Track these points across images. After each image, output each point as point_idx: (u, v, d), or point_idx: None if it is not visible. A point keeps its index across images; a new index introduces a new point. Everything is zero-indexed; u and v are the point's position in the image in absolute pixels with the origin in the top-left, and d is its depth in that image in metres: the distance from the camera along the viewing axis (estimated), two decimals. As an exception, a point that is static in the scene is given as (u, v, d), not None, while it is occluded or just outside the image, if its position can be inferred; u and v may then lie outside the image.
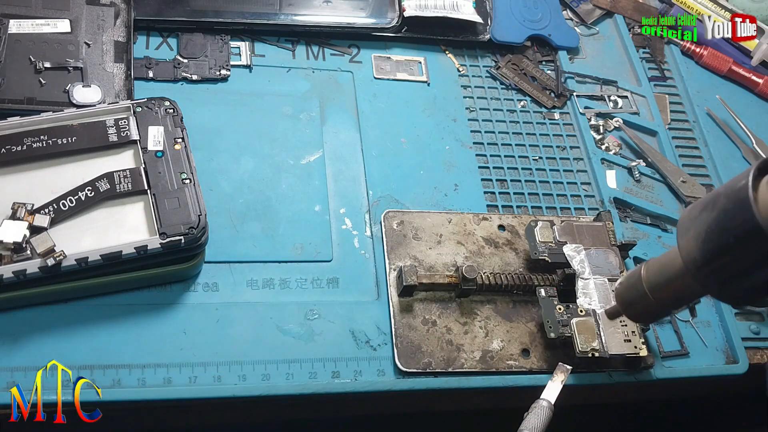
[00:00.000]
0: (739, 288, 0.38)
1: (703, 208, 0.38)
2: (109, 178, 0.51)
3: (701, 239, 0.38)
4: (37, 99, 0.57)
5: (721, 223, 0.37)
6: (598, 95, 0.75)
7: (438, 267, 0.58)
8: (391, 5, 0.71)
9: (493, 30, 0.74)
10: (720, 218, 0.37)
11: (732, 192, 0.36)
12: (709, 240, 0.37)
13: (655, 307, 0.45)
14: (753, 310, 0.63)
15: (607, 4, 0.82)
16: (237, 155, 0.61)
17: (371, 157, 0.64)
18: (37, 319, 0.50)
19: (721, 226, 0.37)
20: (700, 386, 0.60)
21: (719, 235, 0.37)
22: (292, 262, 0.57)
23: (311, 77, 0.68)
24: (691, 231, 0.39)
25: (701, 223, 0.38)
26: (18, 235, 0.47)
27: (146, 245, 0.49)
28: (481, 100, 0.71)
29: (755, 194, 0.35)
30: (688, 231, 0.39)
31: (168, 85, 0.63)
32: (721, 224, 0.37)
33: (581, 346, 0.52)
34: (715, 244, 0.37)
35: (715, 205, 0.37)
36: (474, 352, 0.55)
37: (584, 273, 0.56)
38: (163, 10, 0.65)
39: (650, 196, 0.68)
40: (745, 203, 0.35)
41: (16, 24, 0.59)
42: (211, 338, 0.52)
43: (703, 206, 0.38)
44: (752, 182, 0.35)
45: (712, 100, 0.78)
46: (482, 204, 0.64)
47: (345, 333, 0.54)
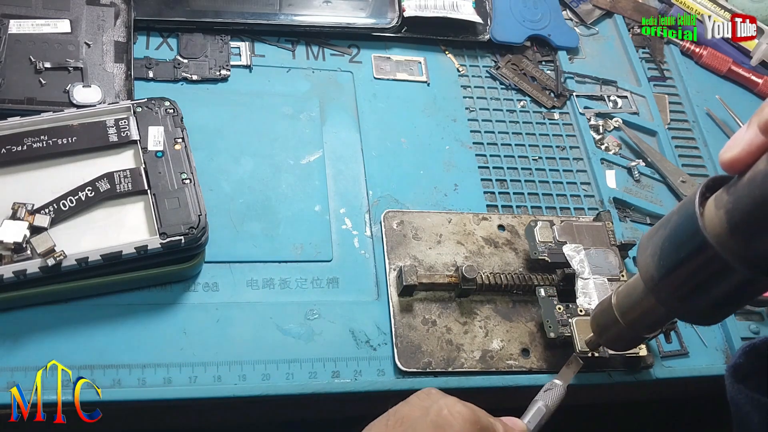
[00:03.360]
0: (698, 305, 0.38)
1: (660, 226, 0.39)
2: (109, 178, 0.52)
3: (656, 256, 0.39)
4: (37, 99, 0.57)
5: (673, 239, 0.37)
6: (597, 95, 0.75)
7: (438, 267, 0.58)
8: (391, 5, 0.71)
9: (492, 30, 0.74)
10: (672, 235, 0.38)
11: (682, 209, 0.37)
12: (663, 257, 0.38)
13: (627, 332, 0.46)
14: (753, 310, 0.63)
15: (606, 4, 0.82)
16: (237, 155, 0.61)
17: (371, 157, 0.64)
18: (37, 319, 0.50)
19: (673, 242, 0.37)
20: (700, 386, 0.60)
21: (672, 251, 0.38)
22: (292, 262, 0.57)
23: (311, 77, 0.68)
24: (648, 249, 0.40)
25: (657, 241, 0.39)
26: (18, 235, 0.47)
27: (146, 245, 0.49)
28: (480, 100, 0.71)
29: (702, 210, 0.36)
30: (646, 249, 0.40)
31: (168, 85, 0.63)
32: (673, 241, 0.37)
33: (581, 345, 0.52)
34: (668, 260, 0.38)
35: (668, 223, 0.38)
36: (474, 351, 0.55)
37: (584, 273, 0.56)
38: (163, 10, 0.66)
39: (650, 196, 0.68)
40: (692, 219, 0.35)
41: (16, 24, 0.59)
42: (211, 338, 0.52)
43: (660, 225, 0.39)
44: (699, 199, 0.36)
45: (711, 100, 0.78)
46: (482, 204, 0.64)
47: (345, 333, 0.54)
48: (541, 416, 0.45)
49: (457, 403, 0.37)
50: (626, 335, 0.46)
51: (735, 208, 0.34)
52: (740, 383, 0.45)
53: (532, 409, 0.45)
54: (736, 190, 0.34)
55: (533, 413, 0.45)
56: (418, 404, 0.38)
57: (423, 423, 0.36)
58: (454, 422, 0.36)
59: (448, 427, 0.36)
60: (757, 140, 0.32)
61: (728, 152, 0.33)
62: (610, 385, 0.56)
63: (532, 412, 0.45)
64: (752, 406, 0.43)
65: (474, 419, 0.36)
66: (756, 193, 0.33)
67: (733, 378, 0.45)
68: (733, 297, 0.38)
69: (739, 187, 0.34)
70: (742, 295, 0.38)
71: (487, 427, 0.38)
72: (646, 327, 0.45)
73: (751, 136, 0.32)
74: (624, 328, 0.46)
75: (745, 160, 0.33)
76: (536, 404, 0.46)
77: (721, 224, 0.34)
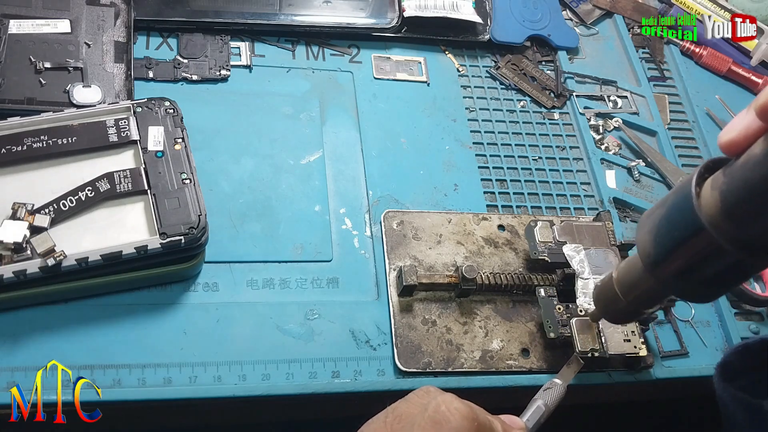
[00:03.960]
0: (693, 284, 0.39)
1: (659, 205, 0.40)
2: (109, 178, 0.52)
3: (653, 234, 0.39)
4: (37, 99, 0.57)
5: (669, 218, 0.38)
6: (597, 95, 0.75)
7: (438, 267, 0.58)
8: (391, 5, 0.71)
9: (492, 30, 0.74)
10: (669, 214, 0.38)
11: (679, 189, 0.38)
12: (660, 235, 0.39)
13: (627, 307, 0.46)
14: (753, 310, 0.63)
15: (606, 4, 0.83)
16: (237, 155, 0.61)
17: (371, 157, 0.64)
18: (37, 319, 0.50)
19: (669, 221, 0.38)
20: (700, 386, 0.60)
21: (668, 230, 0.38)
22: (292, 262, 0.57)
23: (311, 77, 0.68)
24: (647, 227, 0.40)
25: (654, 219, 0.39)
26: (18, 235, 0.47)
27: (146, 245, 0.49)
28: (480, 100, 0.71)
29: (698, 190, 0.36)
30: (644, 227, 0.40)
31: (168, 85, 0.63)
32: (670, 219, 0.38)
33: (581, 345, 0.52)
34: (665, 238, 0.38)
35: (666, 202, 0.39)
36: (474, 351, 0.55)
37: (584, 273, 0.56)
38: (163, 11, 0.66)
39: (650, 196, 0.68)
40: (688, 199, 0.36)
41: (16, 24, 0.59)
42: (211, 338, 0.52)
43: (659, 204, 0.40)
44: (696, 179, 0.36)
45: (711, 100, 0.78)
46: (482, 204, 0.64)
47: (345, 333, 0.54)
48: (540, 415, 0.45)
49: (455, 400, 0.37)
50: (627, 310, 0.46)
51: (729, 189, 0.34)
52: (727, 382, 0.45)
53: (531, 407, 0.45)
54: (731, 172, 0.34)
55: (532, 412, 0.45)
56: (416, 401, 0.38)
57: (421, 419, 0.36)
58: (451, 418, 0.36)
59: (445, 423, 0.36)
60: (755, 124, 0.33)
61: (726, 135, 0.34)
62: (610, 385, 0.56)
63: (531, 410, 0.45)
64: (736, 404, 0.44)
65: (472, 416, 0.36)
66: (748, 176, 0.33)
67: (720, 377, 0.45)
68: (726, 277, 0.38)
69: (734, 169, 0.34)
70: (736, 275, 0.38)
71: (485, 425, 0.38)
72: (644, 302, 0.45)
73: (749, 120, 0.33)
74: (624, 303, 0.46)
75: (742, 143, 0.33)
76: (535, 403, 0.46)
77: (715, 205, 0.35)
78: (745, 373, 0.46)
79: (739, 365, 0.46)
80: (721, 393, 0.45)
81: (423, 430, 0.36)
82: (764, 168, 0.32)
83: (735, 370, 0.46)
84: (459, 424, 0.36)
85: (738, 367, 0.46)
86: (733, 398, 0.44)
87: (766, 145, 0.32)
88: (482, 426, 0.37)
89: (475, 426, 0.36)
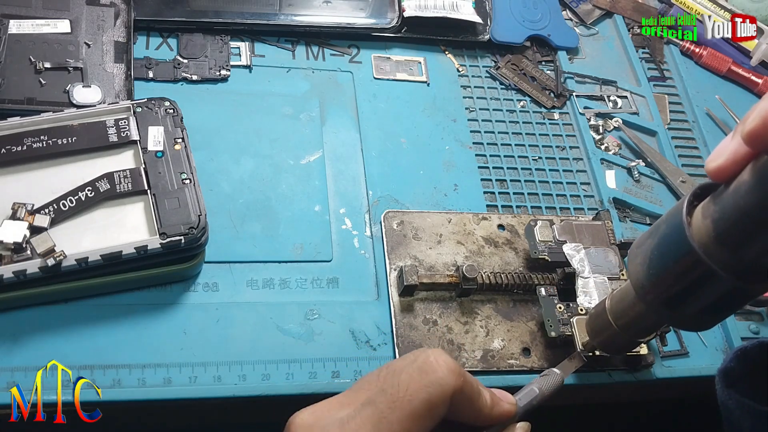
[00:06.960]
0: (688, 313, 0.39)
1: (648, 235, 0.40)
2: (109, 178, 0.52)
3: (645, 265, 0.39)
4: (37, 99, 0.57)
5: (661, 247, 0.38)
6: (597, 95, 0.75)
7: (438, 267, 0.58)
8: (390, 5, 0.71)
9: (492, 30, 0.74)
10: (660, 243, 0.38)
11: (670, 218, 0.38)
12: (652, 265, 0.39)
13: (621, 336, 0.46)
14: (753, 310, 0.63)
15: (606, 4, 0.83)
16: (237, 155, 0.61)
17: (371, 157, 0.64)
18: (37, 319, 0.49)
19: (661, 250, 0.38)
20: (701, 386, 0.60)
21: (660, 259, 0.38)
22: (292, 262, 0.57)
23: (311, 77, 0.68)
24: (638, 258, 0.40)
25: (645, 250, 0.39)
26: (18, 235, 0.47)
27: (146, 245, 0.49)
28: (480, 100, 0.71)
29: (689, 219, 0.36)
30: (635, 258, 0.40)
31: (168, 85, 0.63)
32: (661, 249, 0.38)
33: (582, 344, 0.52)
34: (657, 268, 0.38)
35: (657, 232, 0.39)
36: (475, 351, 0.55)
37: (584, 272, 0.56)
38: (163, 11, 0.66)
39: (649, 196, 0.68)
40: (680, 228, 0.36)
41: (16, 24, 0.59)
42: (211, 338, 0.52)
43: (648, 234, 0.40)
44: (687, 208, 0.36)
45: (711, 100, 0.78)
46: (482, 204, 0.64)
47: (345, 333, 0.54)
48: (532, 397, 0.45)
49: (444, 354, 0.38)
50: (619, 339, 0.47)
51: (721, 217, 0.34)
52: (730, 387, 0.45)
53: (525, 389, 0.45)
54: (722, 200, 0.34)
55: (525, 393, 0.45)
56: (409, 356, 0.39)
57: (409, 368, 0.37)
58: (438, 368, 0.37)
59: (431, 372, 0.37)
60: (741, 150, 0.33)
61: (714, 161, 0.34)
62: (610, 385, 0.56)
63: (524, 392, 0.45)
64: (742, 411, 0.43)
65: (459, 371, 0.37)
66: (740, 203, 0.33)
67: (723, 383, 0.45)
68: (722, 305, 0.38)
69: (724, 196, 0.34)
70: (731, 302, 0.38)
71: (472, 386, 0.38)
72: (638, 332, 0.46)
73: (735, 146, 0.33)
74: (617, 332, 0.46)
75: (730, 169, 0.33)
76: (530, 386, 0.46)
77: (707, 233, 0.35)
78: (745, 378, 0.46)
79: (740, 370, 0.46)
80: (725, 399, 0.45)
81: (409, 376, 0.37)
82: (755, 195, 0.32)
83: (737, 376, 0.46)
84: (444, 375, 0.37)
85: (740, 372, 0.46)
86: (738, 405, 0.44)
87: (756, 172, 0.32)
88: (468, 385, 0.38)
89: (460, 381, 0.37)
